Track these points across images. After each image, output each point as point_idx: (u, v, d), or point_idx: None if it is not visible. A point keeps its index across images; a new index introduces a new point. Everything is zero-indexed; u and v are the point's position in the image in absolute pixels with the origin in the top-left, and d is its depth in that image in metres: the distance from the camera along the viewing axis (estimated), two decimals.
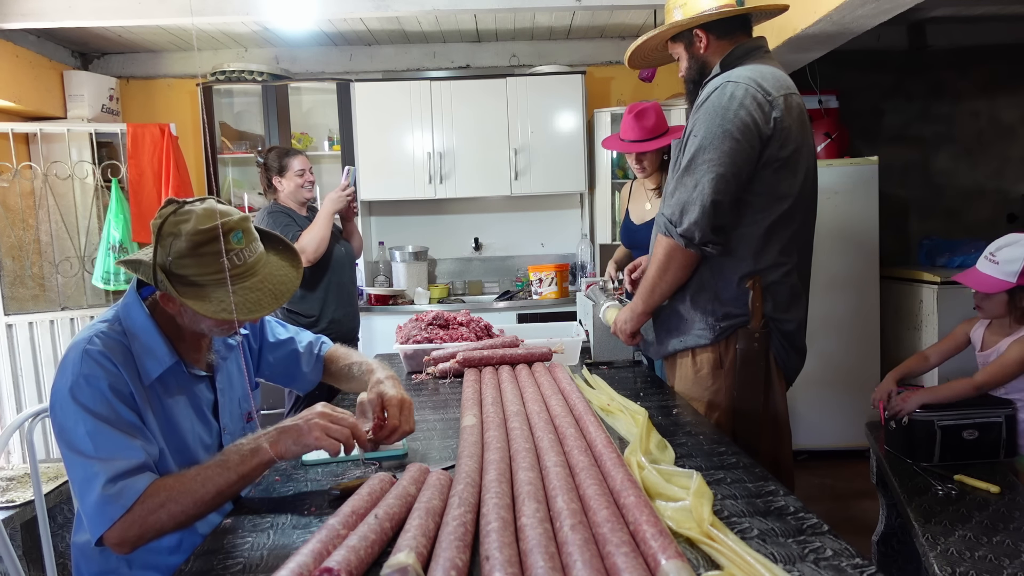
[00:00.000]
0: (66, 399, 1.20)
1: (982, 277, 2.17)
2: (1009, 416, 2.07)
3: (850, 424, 3.64)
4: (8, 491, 2.43)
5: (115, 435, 1.19)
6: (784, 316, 1.74)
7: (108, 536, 1.14)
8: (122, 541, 1.14)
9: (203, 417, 1.40)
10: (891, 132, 4.57)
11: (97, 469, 1.15)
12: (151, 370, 1.29)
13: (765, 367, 1.73)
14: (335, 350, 1.73)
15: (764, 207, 1.68)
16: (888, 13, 2.58)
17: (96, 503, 1.14)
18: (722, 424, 1.75)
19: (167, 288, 1.23)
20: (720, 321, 1.73)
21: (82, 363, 1.21)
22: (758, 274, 1.69)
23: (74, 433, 1.18)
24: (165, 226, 1.24)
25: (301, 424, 1.21)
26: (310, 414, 1.23)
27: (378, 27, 4.09)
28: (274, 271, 1.36)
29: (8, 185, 3.63)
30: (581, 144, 4.20)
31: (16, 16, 3.34)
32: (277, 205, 2.98)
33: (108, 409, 1.21)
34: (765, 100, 1.63)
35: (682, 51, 1.84)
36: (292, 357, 1.67)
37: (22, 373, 3.54)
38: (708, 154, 1.63)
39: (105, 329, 1.28)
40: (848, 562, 0.87)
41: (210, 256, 1.24)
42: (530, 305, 4.05)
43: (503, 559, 0.81)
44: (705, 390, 1.77)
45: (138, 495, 1.14)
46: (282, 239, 1.44)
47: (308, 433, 1.20)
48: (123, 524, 1.13)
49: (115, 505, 1.13)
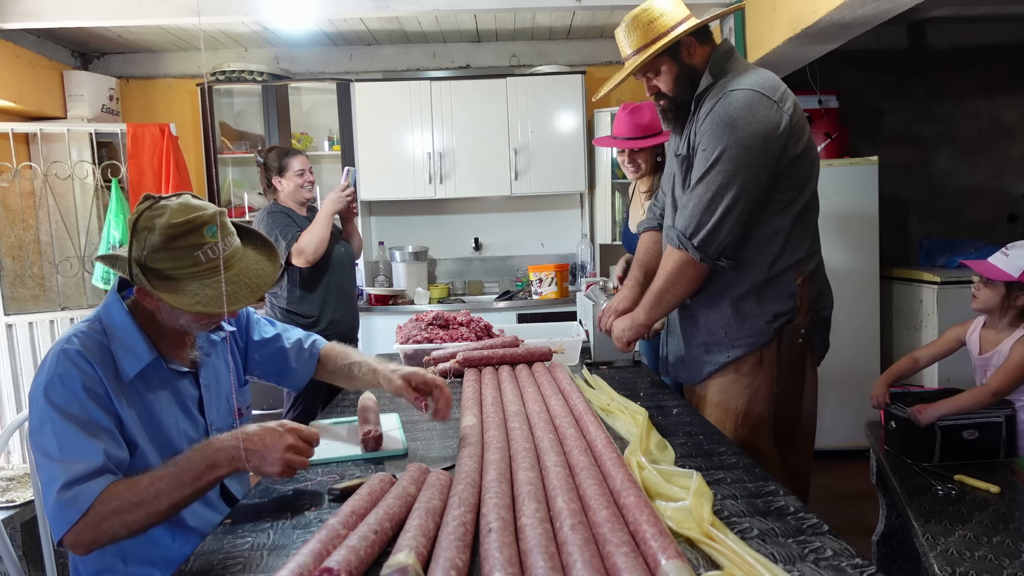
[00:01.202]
0: (39, 398, 1.21)
1: (989, 265, 2.18)
2: (1009, 416, 2.07)
3: (850, 424, 3.64)
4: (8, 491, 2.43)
5: (80, 437, 1.19)
6: (821, 304, 1.76)
7: (65, 539, 1.14)
8: (76, 544, 1.14)
9: (188, 413, 1.40)
10: (891, 132, 4.57)
11: (57, 472, 1.16)
12: (130, 368, 1.29)
13: (805, 361, 1.73)
14: (332, 348, 1.72)
15: (791, 201, 1.67)
16: (888, 13, 2.58)
17: (54, 506, 1.14)
18: (761, 423, 1.73)
19: (142, 282, 1.24)
20: (772, 323, 1.70)
21: (58, 363, 1.22)
22: (796, 267, 1.69)
23: (41, 433, 1.19)
24: (140, 221, 1.24)
25: (264, 453, 1.18)
26: (276, 441, 1.18)
27: (378, 27, 4.09)
28: (250, 265, 1.36)
29: (8, 185, 3.63)
30: (581, 144, 4.20)
31: (16, 16, 3.34)
32: (277, 205, 2.98)
33: (79, 409, 1.21)
34: (772, 102, 1.61)
35: (668, 65, 1.71)
36: (279, 354, 1.66)
37: (22, 373, 3.54)
38: (724, 165, 1.60)
39: (85, 329, 1.29)
40: (848, 562, 0.87)
41: (184, 250, 1.24)
42: (530, 305, 4.05)
43: (503, 559, 0.81)
44: (745, 389, 1.74)
45: (93, 499, 1.14)
46: (260, 234, 1.44)
47: (271, 465, 1.18)
48: (78, 528, 1.13)
49: (71, 509, 1.13)
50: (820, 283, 1.76)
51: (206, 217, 1.26)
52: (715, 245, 1.64)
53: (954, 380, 2.51)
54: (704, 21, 1.71)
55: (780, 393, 1.73)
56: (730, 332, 1.73)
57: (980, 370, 2.25)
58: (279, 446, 1.18)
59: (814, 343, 1.76)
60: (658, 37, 1.67)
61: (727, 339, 1.74)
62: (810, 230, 1.73)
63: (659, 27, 1.67)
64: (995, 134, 4.56)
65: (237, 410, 1.53)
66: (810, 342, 1.73)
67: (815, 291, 1.73)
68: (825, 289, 1.79)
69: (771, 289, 1.70)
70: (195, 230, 1.24)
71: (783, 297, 1.69)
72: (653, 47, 1.67)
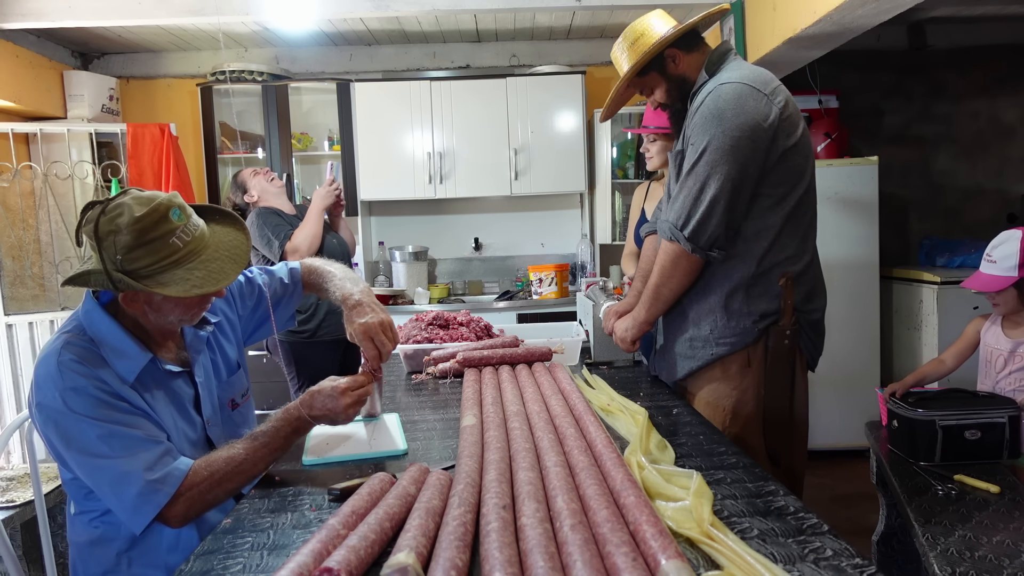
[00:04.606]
0: (64, 413, 1.19)
1: (986, 278, 2.22)
2: (1013, 417, 2.04)
3: (850, 424, 3.64)
4: (8, 491, 2.43)
5: (125, 432, 1.21)
6: (810, 306, 1.73)
7: (167, 514, 1.20)
8: (185, 517, 1.22)
9: (185, 413, 1.40)
10: (891, 132, 4.57)
11: (127, 467, 1.18)
12: (127, 372, 1.28)
13: (792, 363, 1.72)
14: (308, 268, 1.72)
15: (783, 197, 1.67)
16: (888, 13, 2.58)
17: (139, 494, 1.18)
18: (750, 423, 1.73)
19: (129, 285, 1.21)
20: (758, 322, 1.70)
21: (63, 377, 1.21)
22: (784, 265, 1.68)
23: (86, 440, 1.19)
24: (100, 228, 1.21)
25: (333, 416, 1.35)
26: (336, 404, 1.34)
27: (378, 27, 4.09)
28: (223, 239, 1.36)
29: (8, 185, 3.63)
30: (581, 144, 4.20)
31: (16, 16, 3.34)
32: (264, 208, 2.99)
33: (107, 410, 1.21)
34: (762, 95, 1.62)
35: (656, 79, 1.79)
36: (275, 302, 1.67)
37: (22, 373, 3.54)
38: (710, 156, 1.62)
39: (71, 339, 1.26)
40: (848, 562, 0.87)
41: (159, 241, 1.22)
42: (530, 305, 4.05)
43: (503, 559, 0.81)
44: (733, 390, 1.74)
45: (183, 478, 1.21)
46: (214, 207, 1.42)
47: (343, 421, 1.37)
48: (171, 506, 1.20)
49: (160, 492, 1.19)
50: (810, 284, 1.73)
51: (167, 202, 1.24)
52: (706, 236, 1.65)
53: (954, 380, 2.50)
54: (677, 33, 1.72)
55: (768, 396, 1.73)
56: (715, 329, 1.73)
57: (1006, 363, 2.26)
58: (341, 406, 1.34)
59: (802, 346, 1.74)
60: (639, 57, 1.75)
61: (712, 336, 1.74)
62: (802, 229, 1.71)
63: (642, 45, 1.75)
64: (995, 134, 4.56)
65: (232, 401, 1.53)
66: (797, 344, 1.72)
67: (803, 292, 1.71)
68: (817, 291, 1.76)
69: (760, 286, 1.69)
70: (162, 218, 1.23)
71: (771, 296, 1.69)
72: (633, 68, 1.77)
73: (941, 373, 2.43)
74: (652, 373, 2.01)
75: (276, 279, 1.69)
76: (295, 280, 1.71)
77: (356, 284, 1.58)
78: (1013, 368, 2.23)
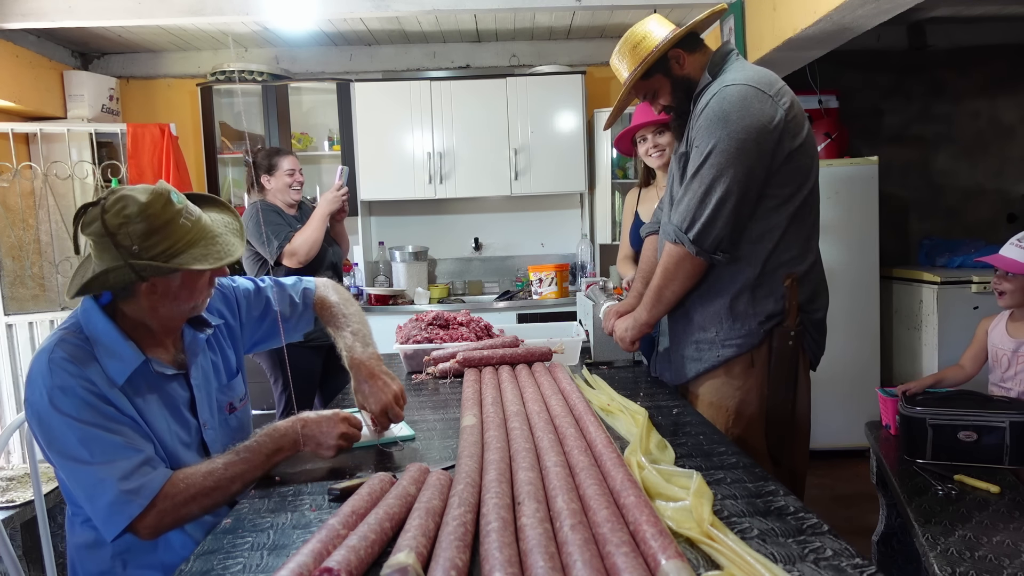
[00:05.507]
0: (48, 411, 1.19)
1: (1009, 260, 2.20)
2: (1016, 423, 1.98)
3: (850, 424, 3.64)
4: (8, 491, 2.43)
5: (105, 437, 1.20)
6: (814, 306, 1.74)
7: (138, 526, 1.18)
8: (139, 529, 1.19)
9: (179, 415, 1.38)
10: (891, 132, 4.57)
11: (103, 474, 1.17)
12: (118, 373, 1.27)
13: (795, 363, 1.72)
14: (322, 303, 1.70)
15: (788, 198, 1.67)
16: (888, 13, 2.58)
17: (112, 503, 1.17)
18: (753, 423, 1.73)
19: (157, 269, 1.23)
20: (764, 324, 1.70)
21: (52, 375, 1.21)
22: (788, 265, 1.68)
23: (66, 442, 1.19)
24: (108, 223, 1.22)
25: (321, 438, 1.34)
26: (331, 428, 1.35)
27: (378, 27, 4.09)
28: (218, 217, 1.40)
29: (8, 185, 3.62)
30: (581, 144, 4.20)
31: (16, 16, 3.34)
32: (266, 203, 2.97)
33: (92, 411, 1.21)
34: (767, 96, 1.61)
35: (660, 81, 1.77)
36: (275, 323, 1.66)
37: (22, 373, 3.54)
38: (716, 159, 1.61)
39: (66, 336, 1.27)
40: (848, 562, 0.87)
41: (173, 223, 1.25)
42: (530, 305, 4.05)
43: (503, 559, 0.81)
44: (737, 390, 1.73)
45: (157, 490, 1.19)
46: (198, 194, 1.43)
47: (327, 449, 1.35)
48: (143, 518, 1.18)
49: (133, 503, 1.17)
50: (814, 284, 1.73)
51: (163, 187, 1.27)
52: (711, 239, 1.64)
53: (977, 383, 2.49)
54: (681, 33, 1.72)
55: (771, 396, 1.73)
56: (721, 332, 1.73)
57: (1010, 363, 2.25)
58: (334, 433, 1.34)
59: (806, 346, 1.74)
60: (644, 59, 1.73)
61: (718, 338, 1.73)
62: (806, 229, 1.72)
63: (644, 49, 1.74)
64: (995, 134, 4.56)
65: (229, 404, 1.52)
66: (801, 344, 1.72)
67: (808, 292, 1.71)
68: (820, 291, 1.76)
69: (765, 287, 1.69)
70: (167, 201, 1.25)
71: (776, 297, 1.69)
72: (639, 71, 1.75)
73: (959, 378, 2.42)
74: (653, 375, 2.01)
75: (286, 295, 1.68)
76: (307, 304, 1.70)
77: (366, 346, 1.55)
78: (1017, 368, 2.23)
